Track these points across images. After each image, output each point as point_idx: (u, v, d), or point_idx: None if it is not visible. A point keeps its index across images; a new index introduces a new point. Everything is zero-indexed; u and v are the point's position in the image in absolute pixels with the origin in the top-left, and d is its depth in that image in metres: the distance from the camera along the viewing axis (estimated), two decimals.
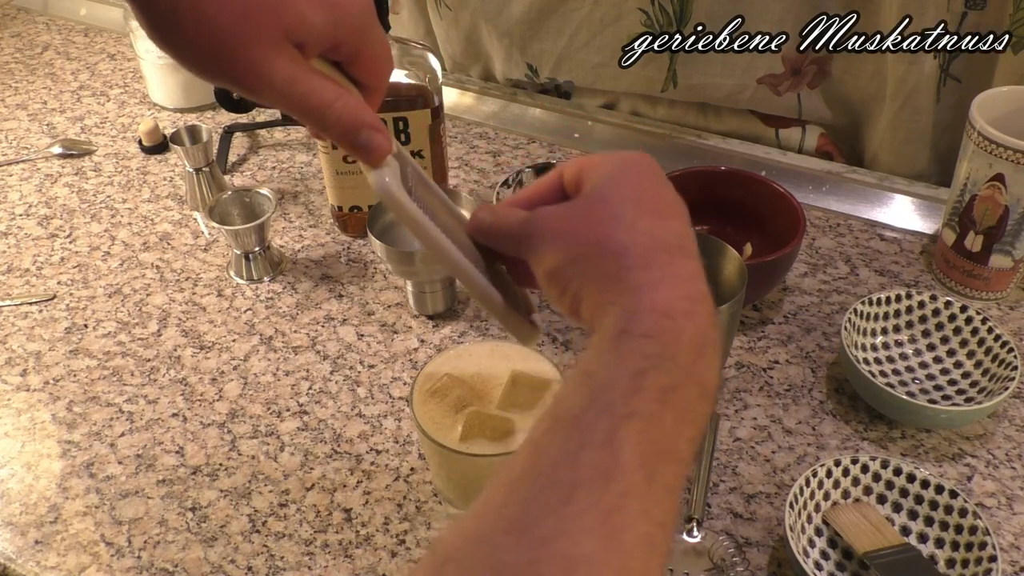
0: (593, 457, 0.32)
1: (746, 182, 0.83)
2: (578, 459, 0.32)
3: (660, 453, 0.33)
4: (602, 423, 0.32)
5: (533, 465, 0.33)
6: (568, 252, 0.39)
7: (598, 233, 0.39)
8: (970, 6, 0.83)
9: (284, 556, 0.62)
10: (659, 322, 0.35)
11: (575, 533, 0.30)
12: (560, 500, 0.31)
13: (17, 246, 0.92)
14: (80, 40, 1.32)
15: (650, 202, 0.40)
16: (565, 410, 0.34)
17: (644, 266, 0.37)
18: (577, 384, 0.35)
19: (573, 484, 0.31)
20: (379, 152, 0.43)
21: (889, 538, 0.59)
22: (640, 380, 0.34)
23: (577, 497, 0.31)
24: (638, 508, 0.31)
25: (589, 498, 0.31)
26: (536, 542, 0.30)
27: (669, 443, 0.33)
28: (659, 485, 0.32)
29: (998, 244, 0.76)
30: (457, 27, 1.11)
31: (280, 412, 0.73)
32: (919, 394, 0.71)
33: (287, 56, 0.40)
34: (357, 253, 0.89)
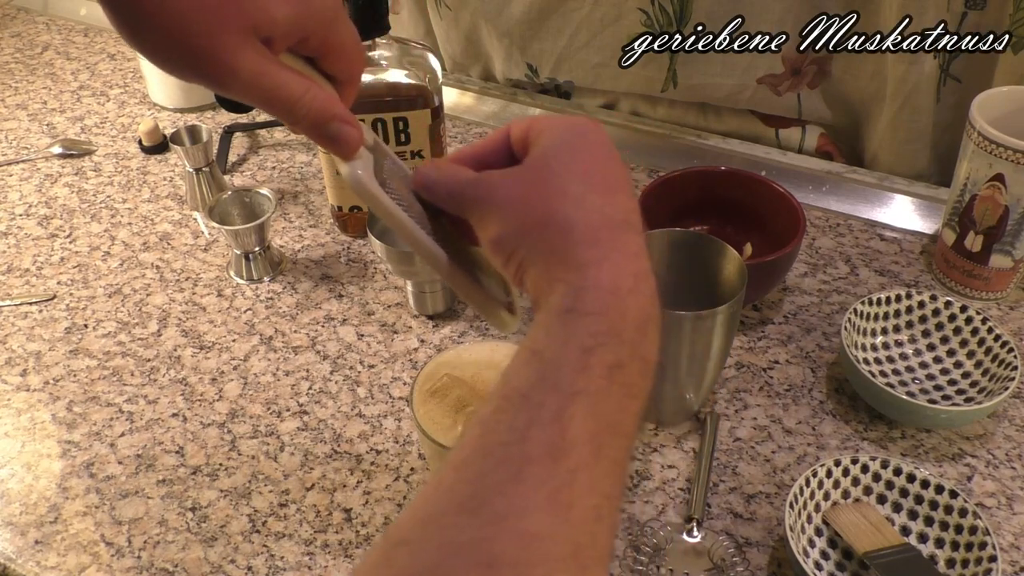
0: (542, 434, 0.32)
1: (746, 182, 0.83)
2: (527, 437, 0.32)
3: (607, 428, 0.33)
4: (551, 401, 0.33)
5: (482, 444, 0.33)
6: (514, 223, 0.39)
7: (545, 207, 0.39)
8: (970, 6, 0.83)
9: (284, 556, 0.62)
10: (605, 299, 0.36)
11: (526, 510, 0.30)
12: (510, 478, 0.31)
13: (17, 246, 0.92)
14: (80, 40, 1.32)
15: (598, 176, 0.40)
16: (513, 388, 0.34)
17: (590, 243, 0.37)
18: (524, 361, 0.35)
19: (523, 461, 0.31)
20: (349, 144, 0.43)
21: (889, 538, 0.59)
22: (588, 358, 0.34)
23: (527, 474, 0.31)
24: (587, 482, 0.32)
25: (539, 475, 0.31)
26: (488, 520, 0.30)
27: (615, 418, 0.34)
28: (606, 459, 0.33)
29: (998, 244, 0.76)
30: (457, 27, 1.11)
31: (280, 412, 0.73)
32: (919, 394, 0.71)
33: (253, 49, 0.40)
34: (357, 253, 0.89)
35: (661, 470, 0.67)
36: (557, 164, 0.40)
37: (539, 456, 0.31)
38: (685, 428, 0.70)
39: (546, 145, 0.41)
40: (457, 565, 0.29)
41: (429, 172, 0.44)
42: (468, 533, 0.30)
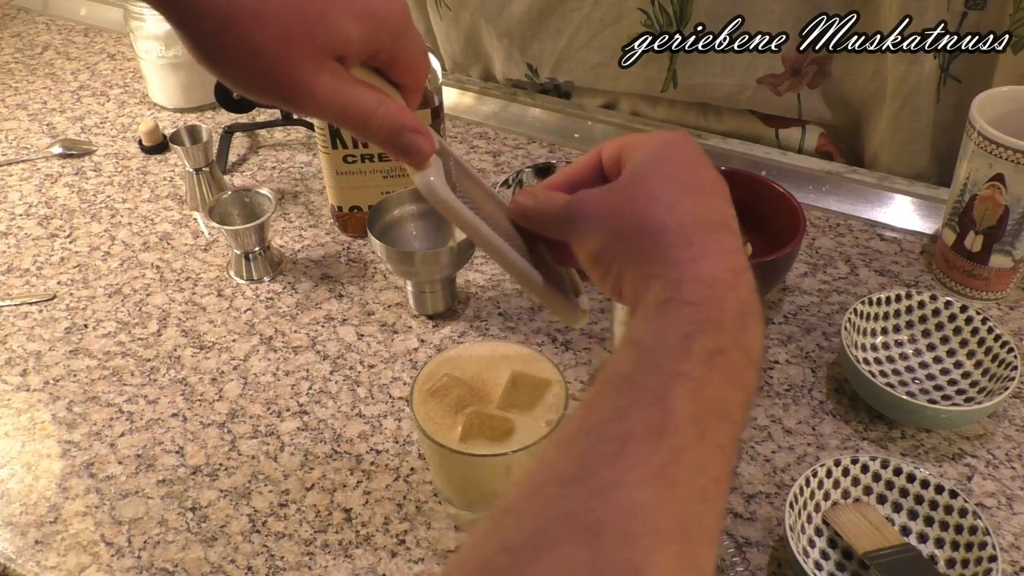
0: (645, 413, 0.32)
1: (746, 182, 0.83)
2: (629, 415, 0.32)
3: (711, 412, 0.33)
4: (652, 382, 0.33)
5: (585, 423, 0.33)
6: (609, 234, 0.41)
7: (638, 214, 0.40)
8: (970, 6, 0.83)
9: (284, 556, 0.62)
10: (703, 291, 0.36)
11: (630, 483, 0.30)
12: (614, 452, 0.31)
13: (17, 246, 0.92)
14: (80, 40, 1.32)
15: (689, 181, 0.41)
16: (615, 373, 0.35)
17: (685, 243, 0.38)
18: (625, 350, 0.36)
19: (626, 438, 0.32)
20: (422, 154, 0.44)
21: (889, 538, 0.59)
22: (688, 343, 0.35)
23: (631, 450, 0.31)
24: (691, 462, 0.32)
25: (642, 451, 0.31)
26: (593, 491, 0.30)
27: (719, 404, 0.34)
28: (711, 442, 0.33)
29: (998, 244, 0.76)
30: (457, 27, 1.11)
31: (280, 412, 0.73)
32: (919, 394, 0.71)
33: (328, 70, 0.41)
34: (357, 253, 0.89)
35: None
36: (649, 173, 0.41)
37: (643, 434, 0.32)
38: None
39: (638, 161, 0.42)
40: (563, 531, 0.29)
41: (525, 201, 0.46)
42: (574, 502, 0.30)
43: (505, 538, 0.30)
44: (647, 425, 0.32)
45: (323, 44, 0.40)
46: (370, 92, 0.42)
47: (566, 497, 0.30)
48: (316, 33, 0.39)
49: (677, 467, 0.31)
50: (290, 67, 0.39)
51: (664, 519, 0.30)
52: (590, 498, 0.30)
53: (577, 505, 0.30)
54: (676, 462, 0.31)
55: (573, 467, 0.31)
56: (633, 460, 0.31)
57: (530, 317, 0.80)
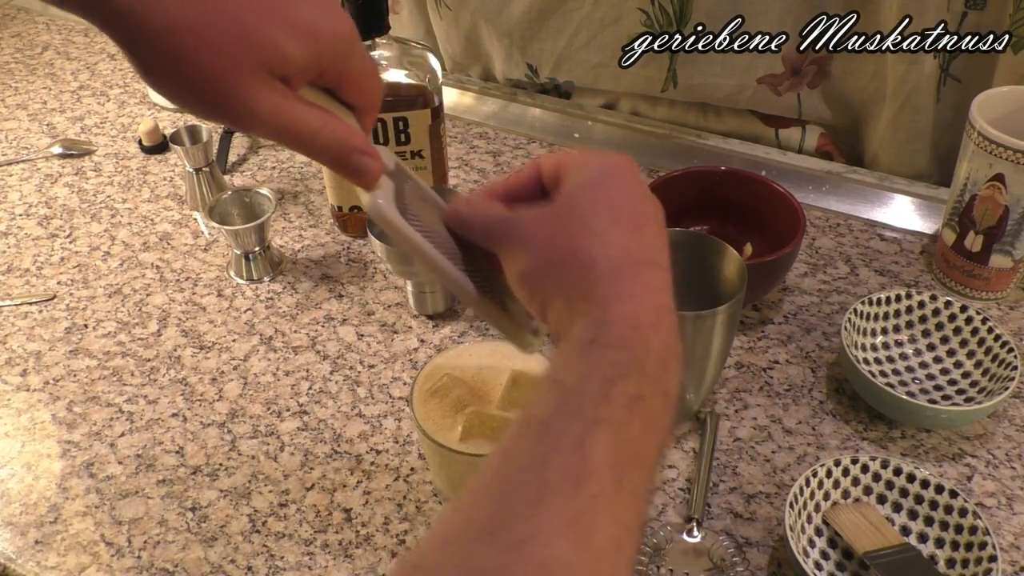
0: (563, 461, 0.32)
1: (746, 182, 0.83)
2: (548, 463, 0.32)
3: (629, 458, 0.33)
4: (572, 428, 0.33)
5: (502, 470, 0.33)
6: (539, 259, 0.40)
7: (569, 243, 0.39)
8: (970, 6, 0.83)
9: (284, 556, 0.62)
10: (627, 333, 0.36)
11: (546, 535, 0.30)
12: (530, 503, 0.31)
13: (17, 246, 0.92)
14: (80, 40, 1.32)
15: (624, 213, 0.40)
16: (534, 416, 0.35)
17: (612, 279, 0.38)
18: (546, 391, 0.35)
19: (543, 487, 0.31)
20: (368, 175, 0.44)
21: (889, 538, 0.59)
22: (609, 388, 0.34)
23: (547, 500, 0.31)
24: (607, 511, 0.31)
25: (559, 501, 0.31)
26: (507, 545, 0.30)
27: (637, 449, 0.34)
28: (627, 490, 0.33)
29: (998, 244, 0.76)
30: (457, 27, 1.11)
31: (280, 412, 0.73)
32: (919, 394, 0.71)
33: (270, 88, 0.40)
34: (357, 253, 0.89)
35: (661, 470, 0.67)
36: (584, 201, 0.41)
37: (560, 482, 0.31)
38: (685, 428, 0.70)
39: (575, 182, 0.42)
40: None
41: (462, 208, 0.45)
42: (486, 559, 0.29)
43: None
44: (565, 473, 0.32)
45: (263, 61, 0.40)
46: (315, 112, 0.42)
47: (478, 553, 0.30)
48: (255, 50, 0.39)
49: (593, 515, 0.31)
50: (230, 83, 0.39)
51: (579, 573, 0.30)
52: (502, 553, 0.29)
53: (489, 561, 0.29)
54: (592, 510, 0.31)
55: (487, 519, 0.31)
56: (549, 511, 0.30)
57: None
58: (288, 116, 0.41)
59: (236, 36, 0.39)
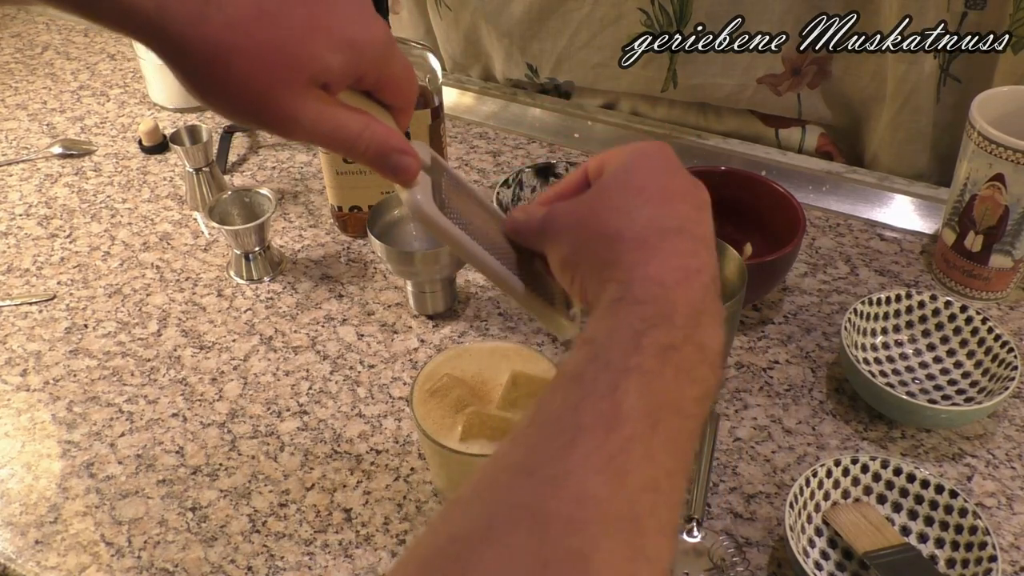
0: (596, 406, 0.33)
1: (746, 182, 0.83)
2: (580, 408, 0.33)
3: (663, 405, 0.34)
4: (603, 377, 0.34)
5: (537, 418, 0.34)
6: (574, 242, 0.43)
7: (597, 223, 0.42)
8: (970, 6, 0.83)
9: (284, 556, 0.62)
10: (652, 289, 0.37)
11: (581, 473, 0.31)
12: (565, 444, 0.32)
13: (17, 246, 0.92)
14: (80, 40, 1.32)
15: (652, 190, 0.42)
16: (568, 370, 0.36)
17: (638, 248, 0.39)
18: (579, 348, 0.37)
19: (577, 429, 0.32)
20: (408, 173, 0.46)
21: (889, 538, 0.59)
22: (639, 339, 0.35)
23: (581, 441, 0.32)
24: (642, 453, 0.32)
25: (593, 442, 0.32)
26: (543, 481, 0.31)
27: (671, 397, 0.35)
28: (663, 435, 0.33)
29: (998, 244, 0.76)
30: (457, 27, 1.11)
31: (280, 412, 0.73)
32: (919, 394, 0.71)
33: (313, 97, 0.42)
34: (357, 253, 0.89)
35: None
36: (613, 185, 0.43)
37: (592, 425, 0.32)
38: None
39: (609, 170, 0.44)
40: (511, 520, 0.29)
41: (517, 216, 0.48)
42: (522, 493, 0.30)
43: (455, 528, 0.31)
44: (598, 417, 0.33)
45: (306, 74, 0.41)
46: (356, 116, 0.44)
47: (515, 487, 0.31)
48: (298, 65, 0.41)
49: (627, 457, 0.32)
50: (276, 98, 0.41)
51: (613, 508, 0.30)
52: (539, 488, 0.30)
53: (526, 495, 0.30)
54: (626, 452, 0.32)
55: (524, 459, 0.32)
56: (583, 451, 0.31)
57: (530, 317, 0.80)
58: (330, 123, 0.43)
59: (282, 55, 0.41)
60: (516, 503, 0.30)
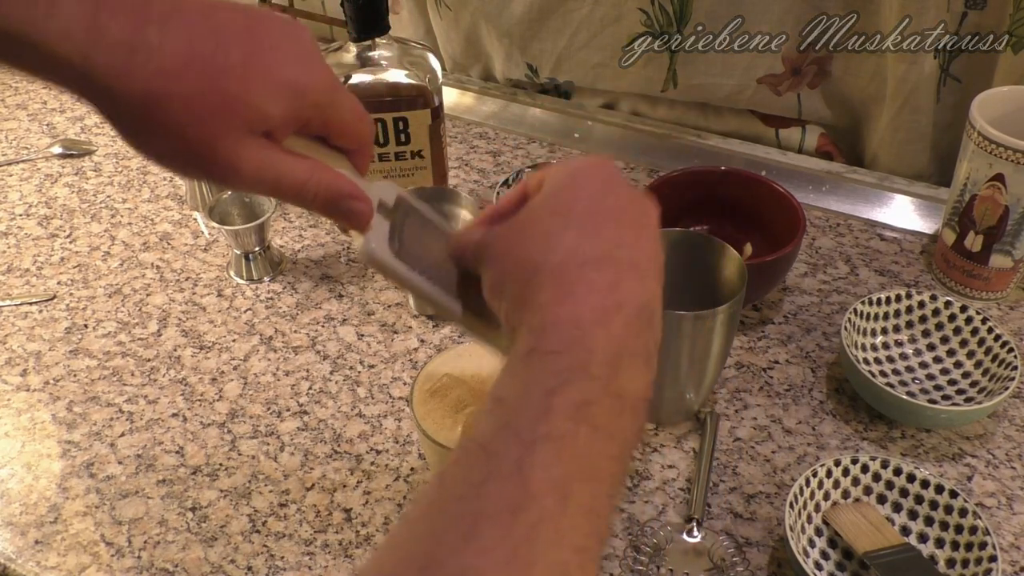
0: (501, 488, 0.30)
1: (746, 182, 0.83)
2: (484, 490, 0.30)
3: (575, 474, 0.31)
4: (511, 450, 0.31)
5: (438, 500, 0.31)
6: (499, 271, 0.40)
7: (521, 251, 0.38)
8: (970, 6, 0.83)
9: (284, 556, 0.62)
10: (567, 334, 0.34)
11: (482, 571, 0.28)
12: (464, 536, 0.29)
13: (17, 246, 0.92)
14: None
15: (579, 214, 0.38)
16: (473, 439, 0.33)
17: (553, 283, 0.36)
18: (488, 410, 0.34)
19: (478, 517, 0.30)
20: (360, 219, 0.44)
21: (889, 538, 0.59)
22: (550, 399, 0.32)
23: (482, 532, 0.29)
24: (552, 537, 0.30)
25: (496, 532, 0.29)
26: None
27: (585, 463, 0.32)
28: (575, 508, 0.31)
29: (998, 244, 0.76)
30: (457, 27, 1.11)
31: (280, 412, 0.73)
32: (919, 394, 0.71)
33: (254, 145, 0.40)
34: None
35: (661, 470, 0.67)
36: (542, 206, 0.40)
37: (496, 511, 0.30)
38: (685, 428, 0.70)
39: (543, 191, 0.41)
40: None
41: (459, 238, 0.45)
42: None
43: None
44: (502, 501, 0.30)
45: (244, 121, 0.39)
46: (300, 163, 0.42)
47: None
48: (234, 111, 0.39)
49: (533, 545, 0.29)
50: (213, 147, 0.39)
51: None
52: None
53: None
54: (532, 540, 0.29)
55: (420, 553, 0.29)
56: (484, 544, 0.29)
57: None
58: (274, 171, 0.41)
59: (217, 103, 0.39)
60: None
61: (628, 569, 0.60)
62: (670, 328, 0.62)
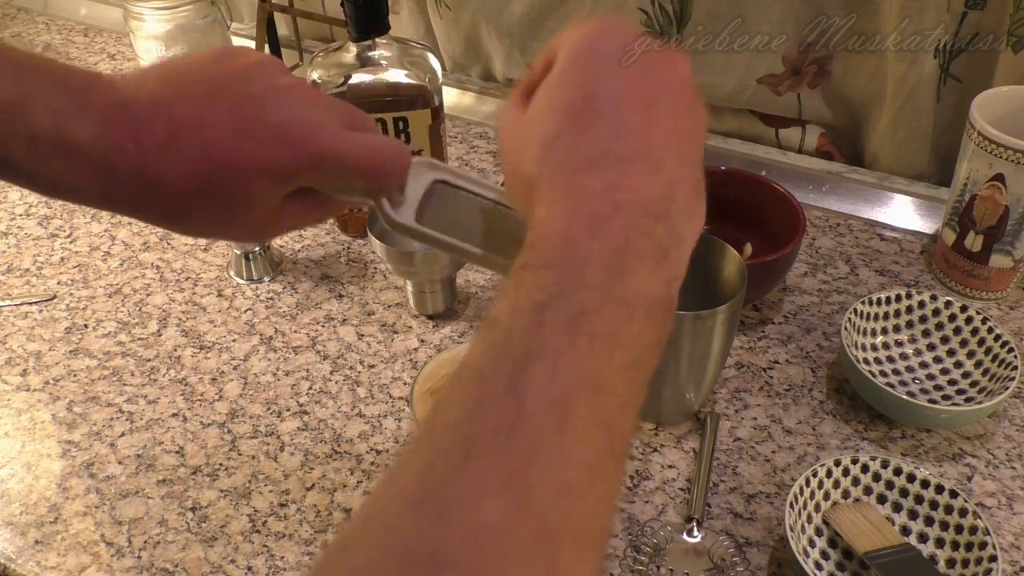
0: (493, 410, 0.28)
1: (746, 182, 0.83)
2: (476, 414, 0.28)
3: (575, 388, 0.29)
4: (503, 370, 0.29)
5: (431, 429, 0.30)
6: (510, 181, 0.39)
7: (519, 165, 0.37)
8: (970, 6, 0.83)
9: (284, 556, 0.62)
10: (556, 247, 0.32)
11: (476, 499, 0.26)
12: (457, 466, 0.27)
13: (17, 246, 0.92)
14: (80, 40, 1.32)
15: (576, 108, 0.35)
16: (466, 364, 0.31)
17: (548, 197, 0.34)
18: (482, 333, 0.32)
19: (471, 444, 0.28)
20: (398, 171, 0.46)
21: (889, 538, 0.59)
22: (541, 313, 0.30)
23: (475, 458, 0.27)
24: (552, 457, 0.28)
25: (489, 457, 0.27)
26: (433, 516, 0.26)
27: (588, 375, 0.30)
28: (580, 424, 0.29)
29: (998, 244, 0.76)
30: (457, 27, 1.11)
31: (280, 412, 0.73)
32: (919, 394, 0.71)
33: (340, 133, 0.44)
34: (357, 253, 0.89)
35: (661, 470, 0.67)
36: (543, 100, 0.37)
37: (490, 435, 0.28)
38: (685, 428, 0.70)
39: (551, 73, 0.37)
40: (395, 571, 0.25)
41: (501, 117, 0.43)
42: (409, 532, 0.26)
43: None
44: (495, 423, 0.28)
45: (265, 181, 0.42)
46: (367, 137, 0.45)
47: (403, 528, 0.26)
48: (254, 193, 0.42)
49: (530, 468, 0.27)
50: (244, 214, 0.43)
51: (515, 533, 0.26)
52: (430, 525, 0.26)
53: (413, 535, 0.26)
54: (529, 463, 0.27)
55: (414, 485, 0.28)
56: (478, 470, 0.27)
57: None
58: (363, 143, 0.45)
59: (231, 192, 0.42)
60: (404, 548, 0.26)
61: (628, 569, 0.60)
62: None
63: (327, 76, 0.80)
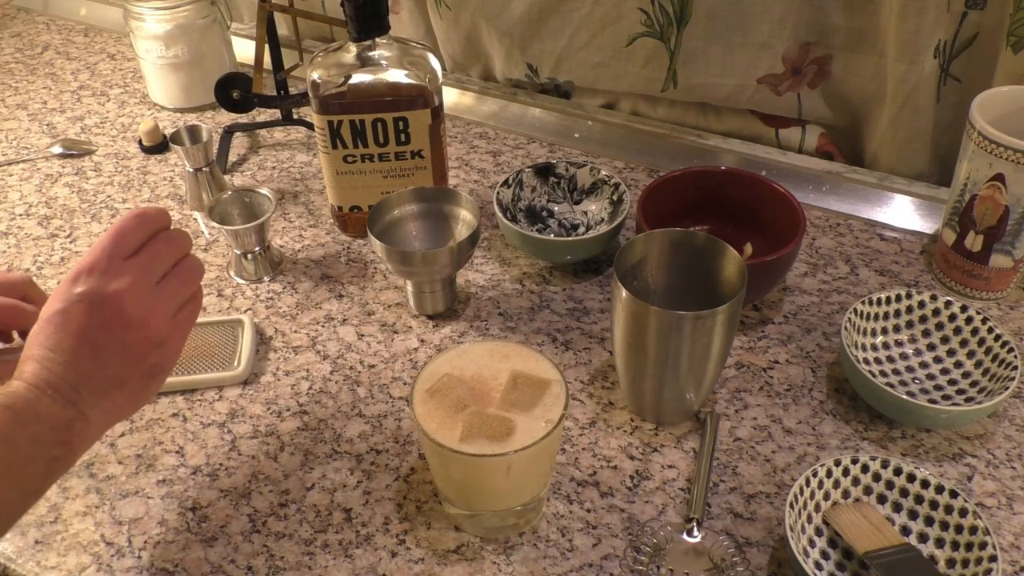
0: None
1: (746, 182, 0.83)
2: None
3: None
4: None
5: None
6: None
7: None
8: (970, 6, 0.83)
9: (284, 556, 0.62)
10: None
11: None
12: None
13: (17, 246, 0.92)
14: (80, 40, 1.32)
15: None
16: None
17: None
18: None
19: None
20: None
21: (889, 538, 0.59)
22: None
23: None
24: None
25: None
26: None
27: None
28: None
29: (998, 244, 0.76)
30: (457, 27, 1.11)
31: (280, 412, 0.73)
32: (919, 394, 0.71)
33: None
34: (357, 253, 0.89)
35: (661, 470, 0.67)
36: None
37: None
38: (685, 428, 0.70)
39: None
40: None
41: None
42: None
43: None
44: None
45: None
46: None
47: None
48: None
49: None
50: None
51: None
52: None
53: None
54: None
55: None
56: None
57: (530, 317, 0.80)
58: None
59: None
60: None
61: (628, 569, 0.60)
62: (670, 328, 0.62)
63: (327, 76, 0.80)
